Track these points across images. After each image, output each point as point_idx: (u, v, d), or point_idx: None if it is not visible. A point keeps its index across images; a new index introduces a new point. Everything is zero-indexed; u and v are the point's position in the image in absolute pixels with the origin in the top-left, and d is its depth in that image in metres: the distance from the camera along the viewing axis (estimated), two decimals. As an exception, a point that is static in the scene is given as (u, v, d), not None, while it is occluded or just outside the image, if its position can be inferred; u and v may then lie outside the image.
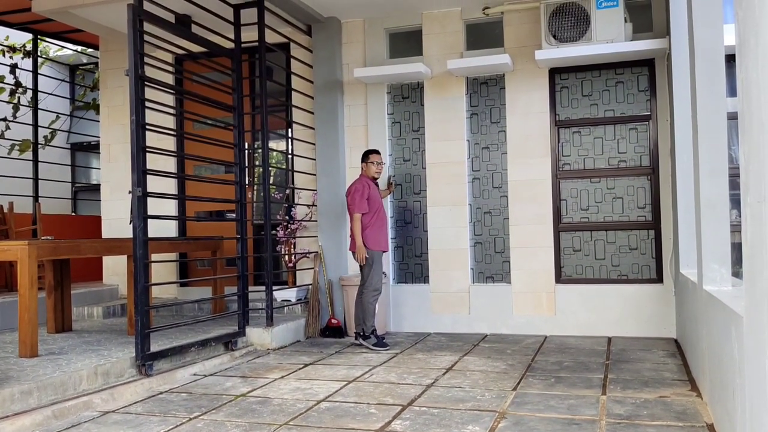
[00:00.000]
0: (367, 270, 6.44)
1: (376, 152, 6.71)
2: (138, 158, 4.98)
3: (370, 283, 6.44)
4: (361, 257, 6.37)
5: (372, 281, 6.44)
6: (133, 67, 5.01)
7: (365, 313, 6.41)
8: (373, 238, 6.46)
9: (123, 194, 7.92)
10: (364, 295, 6.45)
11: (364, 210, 6.40)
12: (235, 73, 6.28)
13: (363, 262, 6.40)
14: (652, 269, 6.63)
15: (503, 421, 3.86)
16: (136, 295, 4.97)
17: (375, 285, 6.45)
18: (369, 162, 6.61)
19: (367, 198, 6.43)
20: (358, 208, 6.39)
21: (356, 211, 6.39)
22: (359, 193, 6.40)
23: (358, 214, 6.39)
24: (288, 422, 3.95)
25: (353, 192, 6.45)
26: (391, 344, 6.45)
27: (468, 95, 7.17)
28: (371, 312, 6.42)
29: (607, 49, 6.33)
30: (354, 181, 6.62)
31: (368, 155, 6.66)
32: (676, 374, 4.95)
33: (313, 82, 7.47)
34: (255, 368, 5.53)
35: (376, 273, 6.46)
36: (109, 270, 8.55)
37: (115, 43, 8.32)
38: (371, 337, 6.37)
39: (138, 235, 4.97)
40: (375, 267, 6.44)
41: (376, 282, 6.46)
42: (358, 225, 6.38)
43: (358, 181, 6.55)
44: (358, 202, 6.39)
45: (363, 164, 6.64)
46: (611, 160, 6.76)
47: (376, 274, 6.45)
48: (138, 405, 4.44)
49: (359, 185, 6.47)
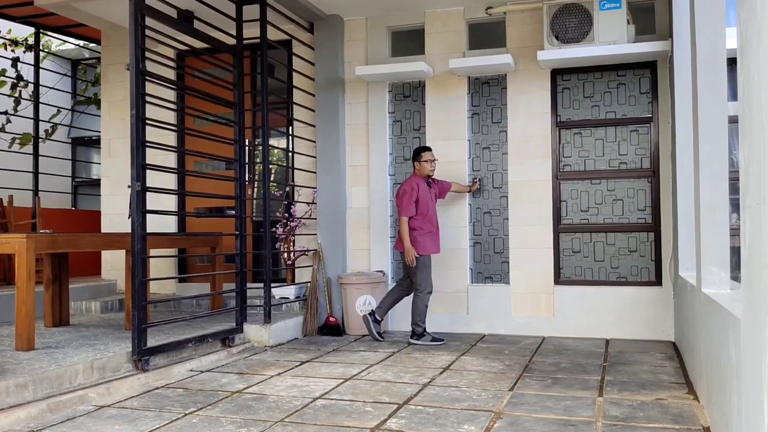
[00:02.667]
0: (418, 274, 6.42)
1: (429, 149, 6.61)
2: (137, 153, 4.97)
3: (424, 287, 6.44)
4: (410, 259, 6.35)
5: (424, 284, 6.44)
6: (134, 61, 5.01)
7: (419, 313, 6.43)
8: (421, 242, 6.43)
9: (123, 189, 7.92)
10: (420, 297, 6.44)
11: (411, 213, 6.37)
12: (236, 69, 6.27)
13: (413, 263, 6.37)
14: (651, 272, 6.62)
15: (499, 422, 3.85)
16: (133, 289, 4.97)
17: (428, 287, 6.47)
18: (423, 161, 6.53)
19: (416, 200, 6.40)
20: (405, 212, 6.37)
21: (403, 215, 6.38)
22: (407, 196, 6.37)
23: (404, 218, 6.36)
24: (283, 419, 3.94)
25: (401, 194, 6.42)
26: (388, 343, 6.45)
27: (469, 95, 7.16)
28: (424, 311, 6.46)
29: (609, 50, 6.31)
30: (405, 181, 6.58)
31: (421, 153, 6.55)
32: (673, 377, 4.94)
33: (315, 80, 7.46)
34: (252, 365, 5.53)
35: (427, 276, 6.45)
36: (107, 265, 8.55)
37: (117, 38, 8.31)
38: (425, 335, 6.43)
39: (136, 230, 4.96)
40: (425, 270, 6.44)
41: (428, 284, 6.47)
42: (406, 228, 6.36)
43: (408, 182, 6.50)
44: (405, 205, 6.37)
45: (416, 163, 6.56)
46: (612, 162, 6.75)
47: (426, 277, 6.45)
48: (134, 400, 4.43)
49: (408, 187, 6.43)
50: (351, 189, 7.46)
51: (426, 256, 6.46)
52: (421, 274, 6.42)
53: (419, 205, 6.41)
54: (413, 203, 6.37)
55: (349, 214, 7.45)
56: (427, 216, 6.48)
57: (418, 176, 6.55)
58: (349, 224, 7.45)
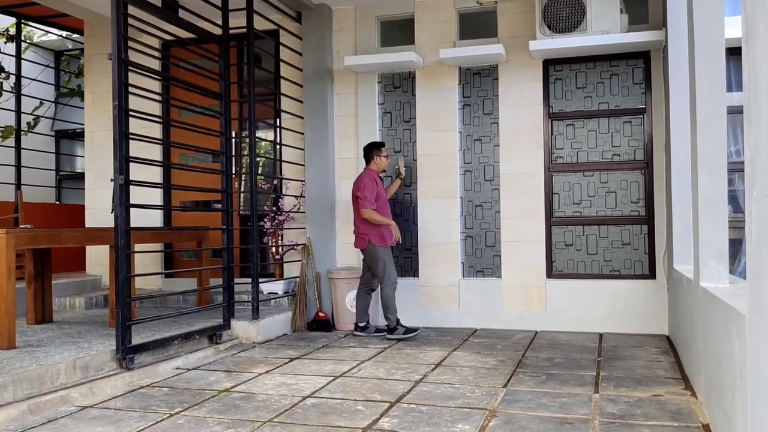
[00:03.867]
0: (381, 265, 6.36)
1: (384, 144, 6.64)
2: (120, 145, 4.82)
3: (387, 278, 6.37)
4: (396, 234, 6.37)
5: (387, 276, 6.37)
6: (116, 50, 4.85)
7: (389, 307, 6.36)
8: (379, 235, 6.36)
9: (107, 183, 7.75)
10: (384, 289, 6.37)
11: (373, 206, 6.31)
12: (222, 59, 6.13)
13: (400, 239, 6.45)
14: (644, 265, 6.54)
15: (494, 420, 3.76)
16: (117, 286, 4.83)
17: (393, 278, 6.41)
18: (381, 156, 6.50)
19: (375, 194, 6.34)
20: (369, 204, 6.28)
21: (366, 207, 6.27)
22: (369, 189, 6.30)
23: (370, 209, 6.27)
24: (272, 419, 3.82)
25: (363, 188, 6.31)
26: (378, 338, 6.36)
27: (460, 86, 7.04)
28: (394, 305, 6.38)
29: (602, 40, 6.22)
30: (360, 175, 6.49)
31: (379, 148, 6.53)
32: (669, 372, 4.86)
33: (303, 70, 7.32)
34: (240, 362, 5.41)
35: (389, 267, 6.39)
36: (92, 260, 8.38)
37: (100, 29, 8.14)
38: (398, 327, 6.34)
39: (119, 225, 4.82)
40: (387, 262, 6.37)
41: (393, 275, 6.41)
42: (377, 214, 6.29)
43: (366, 176, 6.41)
44: (369, 198, 6.28)
45: (375, 157, 6.49)
46: (605, 154, 6.66)
47: (390, 268, 6.39)
48: (117, 400, 4.30)
49: (368, 180, 6.35)
50: (340, 182, 7.33)
51: (386, 249, 6.39)
52: (383, 267, 6.34)
53: (378, 199, 6.35)
54: (374, 197, 6.29)
55: (339, 208, 7.32)
56: (385, 210, 6.44)
57: (373, 171, 6.47)
58: (339, 218, 7.32)
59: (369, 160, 6.50)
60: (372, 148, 6.51)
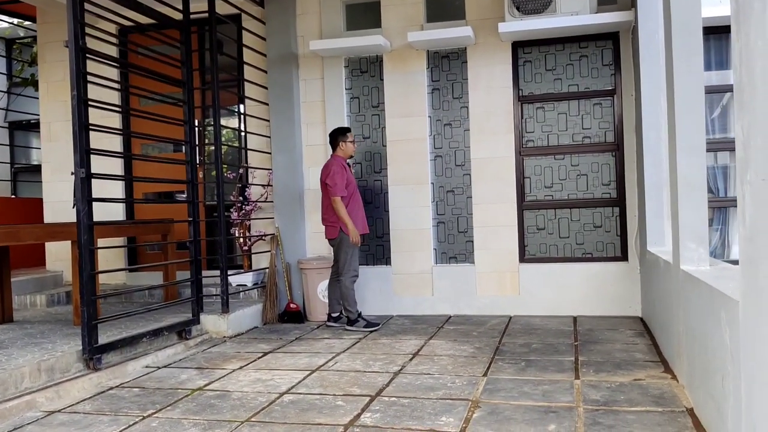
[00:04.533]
0: (344, 255, 6.21)
1: (350, 129, 6.44)
2: (80, 137, 4.60)
3: (349, 268, 6.22)
4: (355, 239, 6.13)
5: (351, 266, 6.22)
6: (73, 37, 4.62)
7: (347, 299, 6.22)
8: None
9: (65, 175, 7.49)
10: (343, 280, 6.23)
11: (344, 193, 6.12)
12: (183, 45, 5.91)
13: (359, 244, 6.20)
14: (616, 247, 6.54)
15: (478, 411, 3.68)
16: (81, 284, 4.62)
17: (354, 269, 6.26)
18: (348, 141, 6.30)
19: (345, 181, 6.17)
20: (340, 191, 6.10)
21: (338, 194, 6.09)
22: (339, 176, 6.11)
23: (339, 198, 6.09)
24: (250, 418, 3.70)
25: (333, 174, 6.13)
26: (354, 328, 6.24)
27: (429, 69, 6.92)
28: (353, 297, 6.24)
29: (571, 21, 6.15)
30: (328, 163, 6.30)
31: (345, 133, 6.33)
32: (647, 355, 4.85)
33: (267, 56, 7.12)
34: (211, 358, 5.25)
35: (354, 258, 6.24)
36: (52, 255, 8.11)
37: (53, 15, 7.81)
38: (360, 320, 6.21)
39: (82, 220, 4.61)
40: (353, 252, 6.22)
41: (354, 266, 6.26)
42: (344, 208, 6.10)
43: (335, 162, 6.22)
44: (339, 185, 6.09)
45: (341, 143, 6.29)
46: (575, 137, 6.62)
47: (354, 259, 6.24)
48: (86, 403, 4.13)
49: (337, 167, 6.16)
50: (308, 169, 7.17)
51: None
52: (347, 257, 6.20)
53: (348, 186, 6.19)
54: (344, 183, 6.14)
55: (308, 196, 7.17)
56: (354, 197, 6.28)
57: (341, 157, 6.31)
58: (308, 206, 7.17)
59: (335, 146, 6.34)
60: (337, 134, 6.34)
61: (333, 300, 6.43)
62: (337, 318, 6.42)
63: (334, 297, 6.42)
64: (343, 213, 6.09)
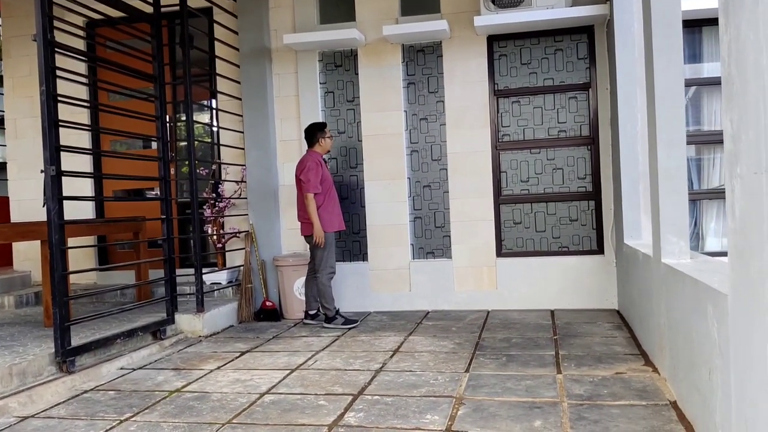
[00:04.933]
0: (321, 252, 6.11)
1: (326, 125, 6.34)
2: (50, 133, 4.46)
3: (326, 265, 6.13)
4: (319, 239, 6.03)
5: (327, 263, 6.13)
6: (41, 31, 4.48)
7: (325, 296, 6.13)
8: (326, 219, 6.10)
9: (32, 173, 7.31)
10: (319, 277, 6.14)
11: (318, 190, 6.03)
12: (154, 39, 5.77)
13: (322, 245, 6.06)
14: (592, 240, 6.56)
15: (462, 408, 3.65)
16: (53, 284, 4.49)
17: (331, 266, 6.17)
18: (326, 137, 6.22)
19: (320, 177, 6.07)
20: (313, 188, 6.00)
21: (311, 191, 6.00)
22: (313, 172, 6.01)
23: (311, 194, 6.00)
24: (231, 420, 3.62)
25: (307, 170, 6.03)
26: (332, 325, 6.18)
27: (404, 63, 6.86)
28: (330, 294, 6.15)
29: (547, 15, 6.16)
30: (304, 158, 6.20)
31: (323, 129, 6.23)
32: (626, 348, 4.86)
33: (239, 50, 7.00)
34: (188, 358, 5.15)
35: (330, 254, 6.15)
36: (20, 255, 7.90)
37: (18, 8, 7.60)
38: (337, 317, 6.13)
39: (53, 219, 4.47)
40: (329, 248, 6.13)
41: (331, 263, 6.17)
42: (314, 206, 6.01)
43: (310, 158, 6.12)
44: (313, 181, 5.99)
45: (319, 139, 6.20)
46: (551, 131, 6.62)
47: (330, 256, 6.15)
48: (61, 407, 4.01)
49: (312, 163, 6.06)
50: (283, 165, 7.08)
51: (330, 234, 6.16)
52: (323, 253, 6.11)
53: (323, 182, 6.10)
54: (319, 180, 6.05)
55: (282, 192, 7.08)
56: (330, 193, 6.19)
57: (317, 153, 6.22)
58: (283, 202, 7.08)
59: (313, 142, 6.24)
60: (315, 130, 6.25)
61: (310, 297, 6.36)
62: (314, 316, 6.35)
63: (311, 294, 6.35)
64: (312, 210, 6.01)
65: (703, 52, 6.79)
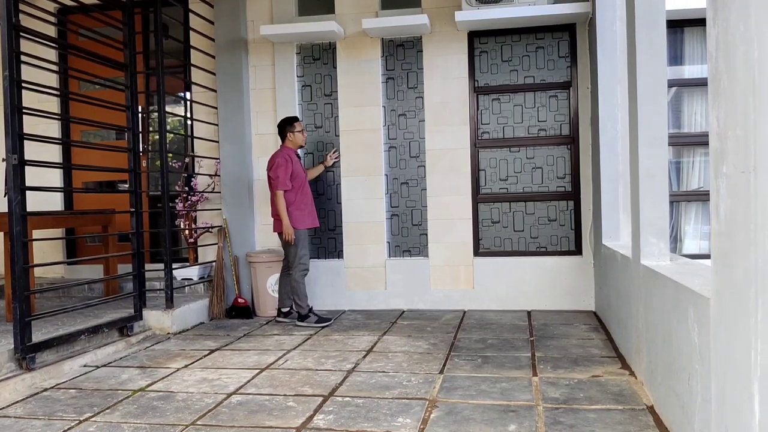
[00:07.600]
0: (293, 250, 5.98)
1: (298, 119, 6.19)
2: (13, 120, 4.29)
3: (298, 262, 6.00)
4: (289, 237, 5.89)
5: (297, 261, 6.00)
6: (5, 14, 4.30)
7: (298, 294, 6.00)
8: (297, 217, 5.97)
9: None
10: (293, 275, 6.01)
11: (287, 187, 5.89)
12: (126, 26, 5.60)
13: (292, 242, 5.93)
14: (570, 241, 6.49)
15: (435, 411, 3.55)
16: (13, 278, 4.32)
17: (304, 263, 6.04)
18: (297, 131, 6.08)
19: (291, 173, 5.93)
20: (282, 185, 5.86)
21: (280, 188, 5.86)
22: (283, 168, 5.87)
23: (281, 192, 5.87)
24: (195, 422, 3.48)
25: (276, 167, 5.90)
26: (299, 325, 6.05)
27: (384, 58, 6.74)
28: (303, 291, 6.02)
29: (528, 12, 6.06)
30: (275, 154, 6.06)
31: (293, 123, 6.09)
32: (603, 350, 4.79)
33: (215, 40, 6.84)
34: (154, 356, 4.99)
35: (304, 251, 6.02)
36: (-16, 247, 7.66)
37: (-15, -8, 7.34)
38: (311, 315, 6.00)
39: (14, 210, 4.30)
40: (301, 246, 6.00)
41: (304, 260, 6.04)
42: (283, 203, 5.87)
43: (281, 154, 5.99)
44: (282, 179, 5.86)
45: (288, 134, 6.07)
46: (531, 129, 6.53)
47: (303, 253, 6.02)
48: (18, 406, 3.85)
49: (282, 159, 5.92)
50: (258, 159, 6.92)
51: (302, 231, 6.03)
52: (295, 251, 5.99)
53: (294, 178, 5.96)
54: (289, 176, 5.92)
55: (256, 187, 6.93)
56: (303, 190, 6.05)
57: (289, 148, 6.09)
58: (257, 197, 6.93)
59: (283, 137, 6.11)
60: (285, 125, 6.11)
61: (283, 294, 6.22)
62: (287, 313, 6.21)
63: (284, 291, 6.21)
64: (281, 208, 5.87)
65: (685, 54, 6.75)
